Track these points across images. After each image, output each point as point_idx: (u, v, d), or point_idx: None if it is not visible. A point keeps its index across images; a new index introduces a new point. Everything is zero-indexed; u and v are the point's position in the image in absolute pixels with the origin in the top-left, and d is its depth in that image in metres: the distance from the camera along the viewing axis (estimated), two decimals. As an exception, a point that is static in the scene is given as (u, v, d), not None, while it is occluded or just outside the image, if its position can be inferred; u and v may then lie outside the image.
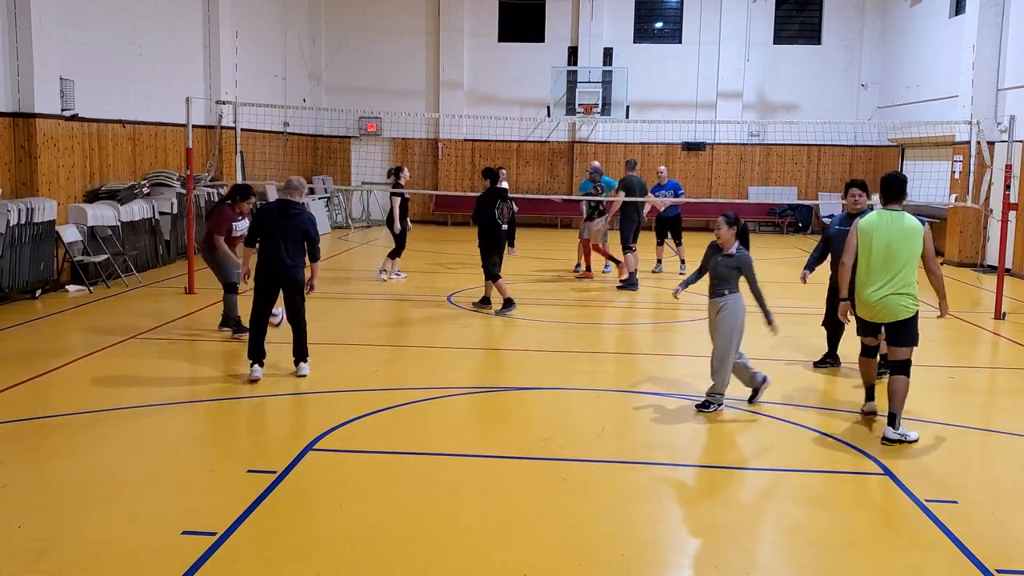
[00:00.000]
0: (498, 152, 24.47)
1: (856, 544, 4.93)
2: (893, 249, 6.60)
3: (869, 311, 6.78)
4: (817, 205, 23.86)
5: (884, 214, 6.75)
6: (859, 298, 6.81)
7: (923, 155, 20.75)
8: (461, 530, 5.03)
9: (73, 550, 4.63)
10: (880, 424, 6.93)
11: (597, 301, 13.01)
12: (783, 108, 24.18)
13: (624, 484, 5.83)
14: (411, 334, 10.74)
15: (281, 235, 7.86)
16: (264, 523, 5.01)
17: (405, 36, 24.43)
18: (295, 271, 7.94)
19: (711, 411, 7.22)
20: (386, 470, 5.90)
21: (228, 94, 17.93)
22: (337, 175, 24.45)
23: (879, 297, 6.64)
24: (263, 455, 6.14)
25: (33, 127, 12.02)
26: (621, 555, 4.73)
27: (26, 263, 11.54)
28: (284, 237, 7.86)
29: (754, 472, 6.08)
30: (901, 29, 22.70)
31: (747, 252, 7.27)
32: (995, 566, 4.67)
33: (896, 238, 6.61)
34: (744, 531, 5.13)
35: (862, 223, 6.79)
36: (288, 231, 7.88)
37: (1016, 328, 11.27)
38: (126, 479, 5.66)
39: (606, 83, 23.48)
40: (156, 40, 15.75)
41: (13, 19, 11.82)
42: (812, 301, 13.34)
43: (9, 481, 5.53)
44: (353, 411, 7.10)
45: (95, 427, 6.65)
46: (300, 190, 8.17)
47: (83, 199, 13.43)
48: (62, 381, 7.90)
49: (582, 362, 9.24)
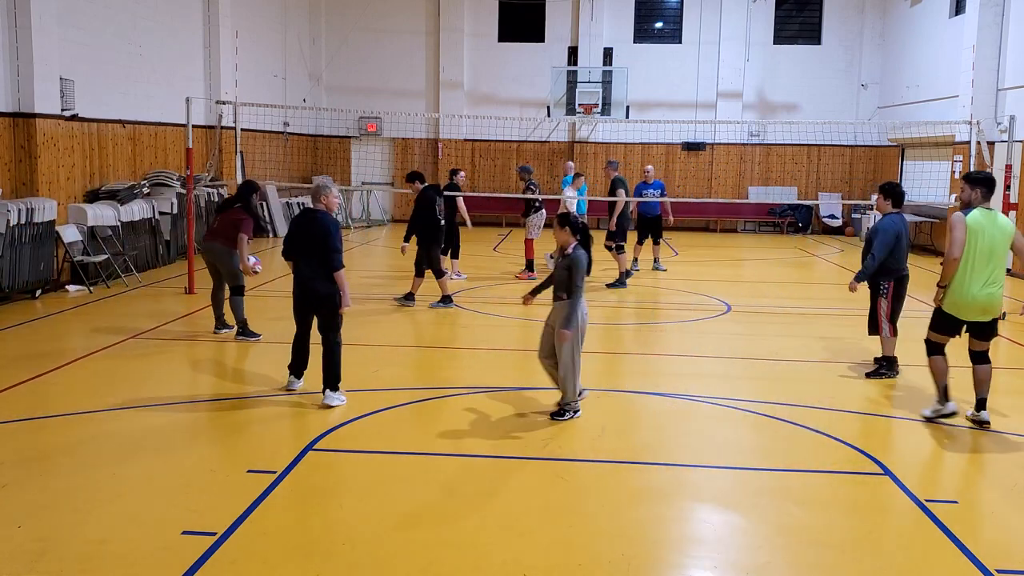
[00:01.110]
0: (498, 152, 24.48)
1: (856, 544, 4.93)
2: (995, 246, 6.86)
3: (975, 309, 6.92)
4: (817, 205, 23.87)
5: (985, 211, 6.94)
6: (962, 296, 6.90)
7: (923, 155, 20.75)
8: (461, 530, 5.03)
9: (73, 550, 4.63)
10: (880, 423, 6.91)
11: (596, 301, 13.01)
12: (783, 108, 24.18)
13: (624, 484, 5.83)
14: (411, 334, 10.74)
15: (302, 247, 7.27)
16: (264, 523, 5.00)
17: (405, 36, 24.44)
18: (317, 285, 7.22)
19: (567, 419, 6.98)
20: (386, 470, 5.90)
21: (228, 94, 17.94)
22: (337, 175, 24.45)
23: (987, 293, 6.87)
24: (263, 455, 6.13)
25: (33, 127, 12.03)
26: (621, 555, 4.73)
27: (26, 263, 11.54)
28: (304, 249, 7.26)
29: (754, 472, 6.08)
30: (901, 29, 22.71)
31: (583, 253, 6.94)
32: (995, 566, 4.67)
33: (996, 236, 6.87)
34: (744, 531, 5.13)
35: (971, 220, 6.89)
36: (307, 241, 7.24)
37: (1016, 328, 11.27)
38: (126, 479, 5.66)
39: (606, 83, 23.50)
40: (156, 40, 15.75)
41: (13, 19, 11.82)
42: (810, 301, 13.35)
43: (9, 481, 5.53)
44: (353, 411, 7.10)
45: (95, 427, 6.64)
46: (324, 191, 7.35)
47: (83, 199, 13.43)
48: (62, 381, 7.90)
49: (582, 362, 9.23)
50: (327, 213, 7.33)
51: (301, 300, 7.40)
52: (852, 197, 23.55)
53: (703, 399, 7.79)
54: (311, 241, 7.19)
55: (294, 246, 7.35)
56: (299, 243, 7.29)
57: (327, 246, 7.13)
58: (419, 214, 11.64)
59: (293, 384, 7.66)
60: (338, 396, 7.28)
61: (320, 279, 7.21)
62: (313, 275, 7.21)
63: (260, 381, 8.32)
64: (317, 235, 7.16)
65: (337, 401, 7.24)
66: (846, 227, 23.70)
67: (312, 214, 7.31)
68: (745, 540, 5.02)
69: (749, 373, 8.97)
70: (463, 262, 14.77)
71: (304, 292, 7.31)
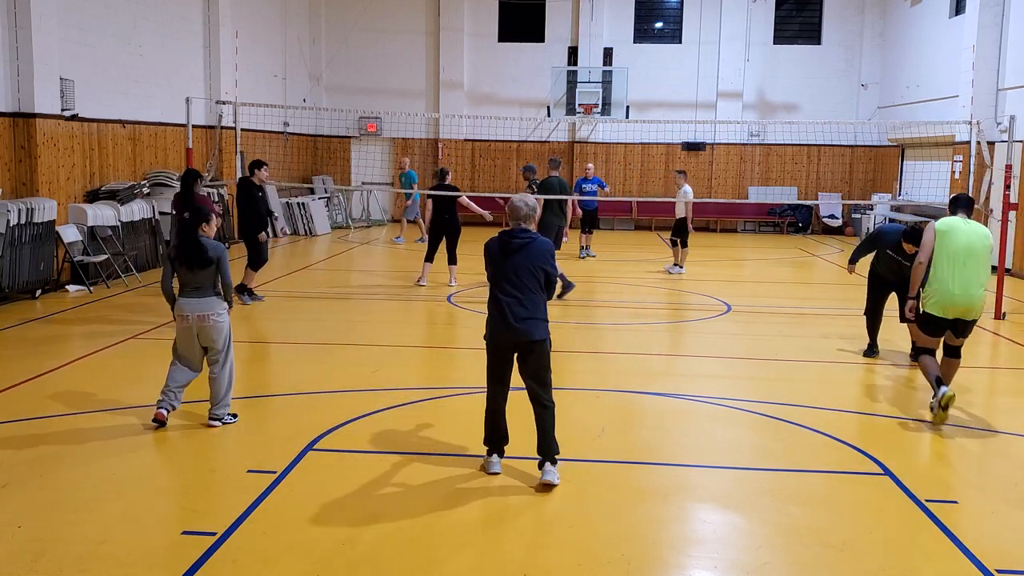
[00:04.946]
0: (498, 152, 24.48)
1: (856, 544, 4.93)
2: (973, 246, 7.09)
3: (957, 308, 7.13)
4: (817, 205, 23.88)
5: (960, 218, 7.34)
6: (942, 297, 7.12)
7: (923, 155, 20.75)
8: (461, 530, 5.04)
9: (72, 550, 4.63)
10: (880, 423, 6.91)
11: (596, 301, 13.01)
12: (783, 108, 24.18)
13: (624, 484, 5.83)
14: (411, 334, 10.74)
15: (506, 278, 5.77)
16: (264, 523, 5.00)
17: (405, 36, 24.44)
18: (525, 326, 5.71)
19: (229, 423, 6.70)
20: (386, 470, 5.90)
21: (228, 94, 17.94)
22: (337, 175, 24.47)
23: (968, 294, 7.07)
24: (263, 455, 6.13)
25: (33, 127, 12.03)
26: (621, 555, 4.73)
27: (26, 263, 11.54)
28: (511, 280, 5.75)
29: (754, 472, 6.08)
30: (901, 29, 22.70)
31: (222, 244, 6.81)
32: (995, 566, 4.67)
33: (972, 237, 7.12)
34: (744, 531, 5.13)
35: (939, 224, 7.21)
36: (514, 270, 5.74)
37: (1016, 328, 11.27)
38: (126, 479, 5.66)
39: (606, 83, 23.49)
40: (156, 40, 15.75)
41: (13, 19, 11.82)
42: (810, 301, 13.35)
43: (9, 481, 5.53)
44: (353, 411, 7.10)
45: (95, 427, 6.64)
46: (530, 214, 5.87)
47: (83, 199, 13.43)
48: (62, 381, 7.90)
49: (582, 362, 9.25)
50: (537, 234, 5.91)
51: (503, 345, 5.86)
52: (852, 197, 23.55)
53: (703, 399, 7.79)
54: (523, 270, 5.74)
55: (495, 275, 5.86)
56: (507, 271, 5.77)
57: (548, 278, 5.83)
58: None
59: (495, 467, 5.92)
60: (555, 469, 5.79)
61: (539, 319, 5.79)
62: (530, 315, 5.74)
63: (260, 381, 8.33)
64: (534, 263, 5.76)
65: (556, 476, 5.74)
66: (846, 227, 23.70)
67: (523, 235, 5.80)
68: (745, 540, 5.02)
69: (749, 373, 8.98)
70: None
71: (510, 334, 5.77)
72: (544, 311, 5.83)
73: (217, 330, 6.61)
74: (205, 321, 6.56)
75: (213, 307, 6.60)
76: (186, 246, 6.61)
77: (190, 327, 6.58)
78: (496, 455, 5.94)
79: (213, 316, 6.58)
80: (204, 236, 6.67)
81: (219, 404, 6.69)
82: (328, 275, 15.15)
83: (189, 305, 6.57)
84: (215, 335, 6.60)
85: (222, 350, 6.67)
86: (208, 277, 6.60)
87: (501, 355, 5.87)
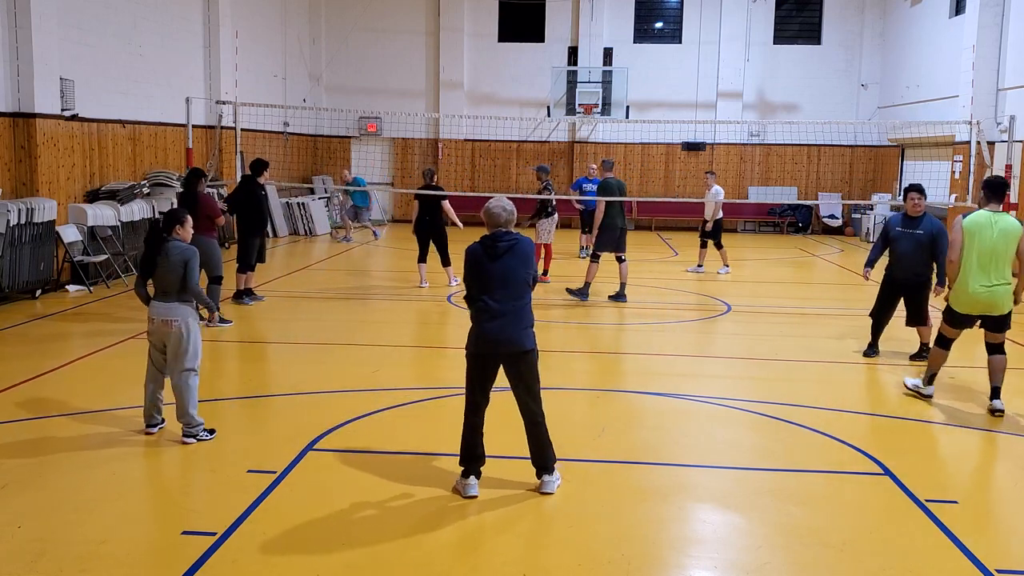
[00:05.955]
0: (498, 152, 24.48)
1: (856, 544, 4.93)
2: (996, 246, 7.20)
3: (979, 305, 7.28)
4: (817, 205, 23.88)
5: (987, 214, 7.28)
6: (964, 293, 7.30)
7: (923, 155, 20.75)
8: (460, 530, 5.04)
9: (72, 550, 4.63)
10: (880, 423, 6.90)
11: (595, 301, 13.00)
12: (783, 108, 24.19)
13: (624, 484, 5.83)
14: (411, 334, 10.74)
15: (495, 283, 5.47)
16: (264, 523, 5.00)
17: (405, 36, 24.44)
18: (516, 335, 5.44)
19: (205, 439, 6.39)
20: (386, 470, 5.90)
21: (228, 94, 17.94)
22: (337, 175, 24.45)
23: (988, 291, 7.20)
24: (263, 455, 6.13)
25: (33, 127, 12.03)
26: (621, 555, 4.73)
27: (26, 263, 11.54)
28: (499, 286, 5.46)
29: (754, 472, 6.07)
30: (901, 29, 22.71)
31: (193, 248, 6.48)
32: (995, 566, 4.67)
33: (997, 236, 7.20)
34: (744, 531, 5.13)
35: (967, 224, 7.29)
36: (503, 275, 5.47)
37: (1016, 328, 11.25)
38: (126, 479, 5.66)
39: (606, 83, 23.49)
40: (156, 40, 15.75)
41: (13, 19, 11.82)
42: (811, 301, 13.35)
43: (9, 481, 5.53)
44: (353, 411, 7.10)
45: (95, 427, 6.64)
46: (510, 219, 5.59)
47: (83, 199, 13.43)
48: (62, 381, 7.90)
49: (582, 362, 9.25)
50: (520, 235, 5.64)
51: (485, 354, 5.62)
52: (852, 197, 23.55)
53: (703, 399, 7.79)
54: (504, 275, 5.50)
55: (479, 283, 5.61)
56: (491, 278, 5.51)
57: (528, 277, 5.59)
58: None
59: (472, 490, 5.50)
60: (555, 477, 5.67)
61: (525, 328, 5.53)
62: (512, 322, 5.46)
63: (260, 381, 8.33)
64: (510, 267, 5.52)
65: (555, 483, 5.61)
66: (846, 227, 23.70)
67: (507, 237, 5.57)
68: (745, 540, 5.02)
69: (749, 373, 8.98)
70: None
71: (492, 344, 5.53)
72: (531, 318, 5.55)
73: (176, 337, 6.26)
74: (167, 327, 6.27)
75: (176, 313, 6.27)
76: (147, 247, 6.42)
77: (155, 330, 6.37)
78: (474, 476, 5.50)
79: (175, 323, 6.26)
80: (177, 239, 6.43)
81: (183, 416, 6.29)
82: (328, 275, 15.14)
83: (155, 308, 6.34)
84: (174, 342, 6.28)
85: (179, 359, 6.28)
86: (174, 282, 6.31)
87: (487, 365, 5.57)
